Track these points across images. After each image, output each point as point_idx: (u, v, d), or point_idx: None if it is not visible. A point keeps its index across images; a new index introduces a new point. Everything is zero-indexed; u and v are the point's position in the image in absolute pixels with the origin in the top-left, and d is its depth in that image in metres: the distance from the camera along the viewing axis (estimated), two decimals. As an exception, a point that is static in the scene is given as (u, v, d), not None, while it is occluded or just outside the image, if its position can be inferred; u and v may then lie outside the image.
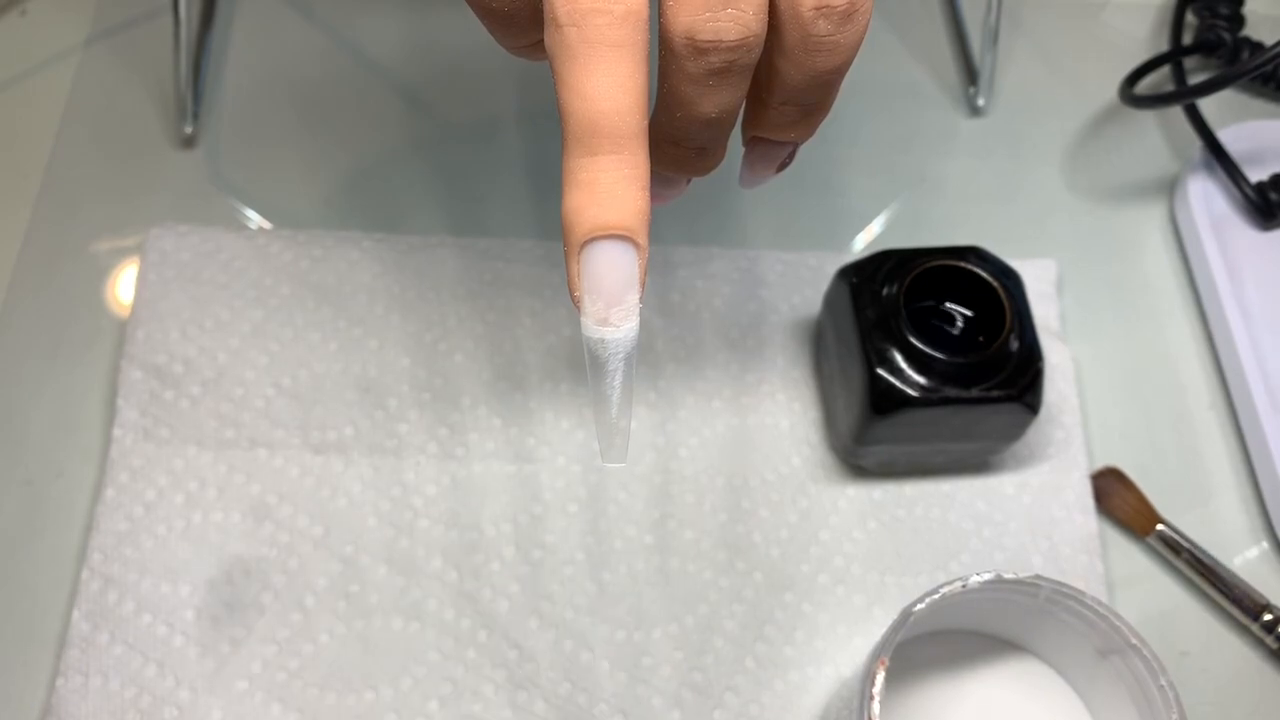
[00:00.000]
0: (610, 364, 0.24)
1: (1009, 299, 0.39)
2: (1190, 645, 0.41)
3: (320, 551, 0.40)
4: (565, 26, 0.22)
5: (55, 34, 0.52)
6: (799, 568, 0.41)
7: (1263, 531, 0.43)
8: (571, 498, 0.42)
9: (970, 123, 0.52)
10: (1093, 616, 0.34)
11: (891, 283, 0.40)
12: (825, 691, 0.39)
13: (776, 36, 0.25)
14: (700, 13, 0.23)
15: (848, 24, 0.24)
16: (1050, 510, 0.42)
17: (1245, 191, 0.47)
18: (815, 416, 0.44)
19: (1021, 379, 0.38)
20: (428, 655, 0.39)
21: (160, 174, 0.49)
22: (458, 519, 0.41)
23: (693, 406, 0.44)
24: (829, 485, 0.42)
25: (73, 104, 0.50)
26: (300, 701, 0.38)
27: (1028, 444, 0.43)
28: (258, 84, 0.51)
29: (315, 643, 0.39)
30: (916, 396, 0.38)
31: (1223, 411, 0.45)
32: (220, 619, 0.39)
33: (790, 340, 0.45)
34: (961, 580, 0.33)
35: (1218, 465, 0.44)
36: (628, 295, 0.24)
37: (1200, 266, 0.47)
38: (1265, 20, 0.54)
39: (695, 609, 0.40)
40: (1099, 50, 0.55)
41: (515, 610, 0.40)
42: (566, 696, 0.38)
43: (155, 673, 0.38)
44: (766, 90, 0.27)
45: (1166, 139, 0.52)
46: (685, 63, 0.24)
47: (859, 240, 0.49)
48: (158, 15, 0.52)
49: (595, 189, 0.23)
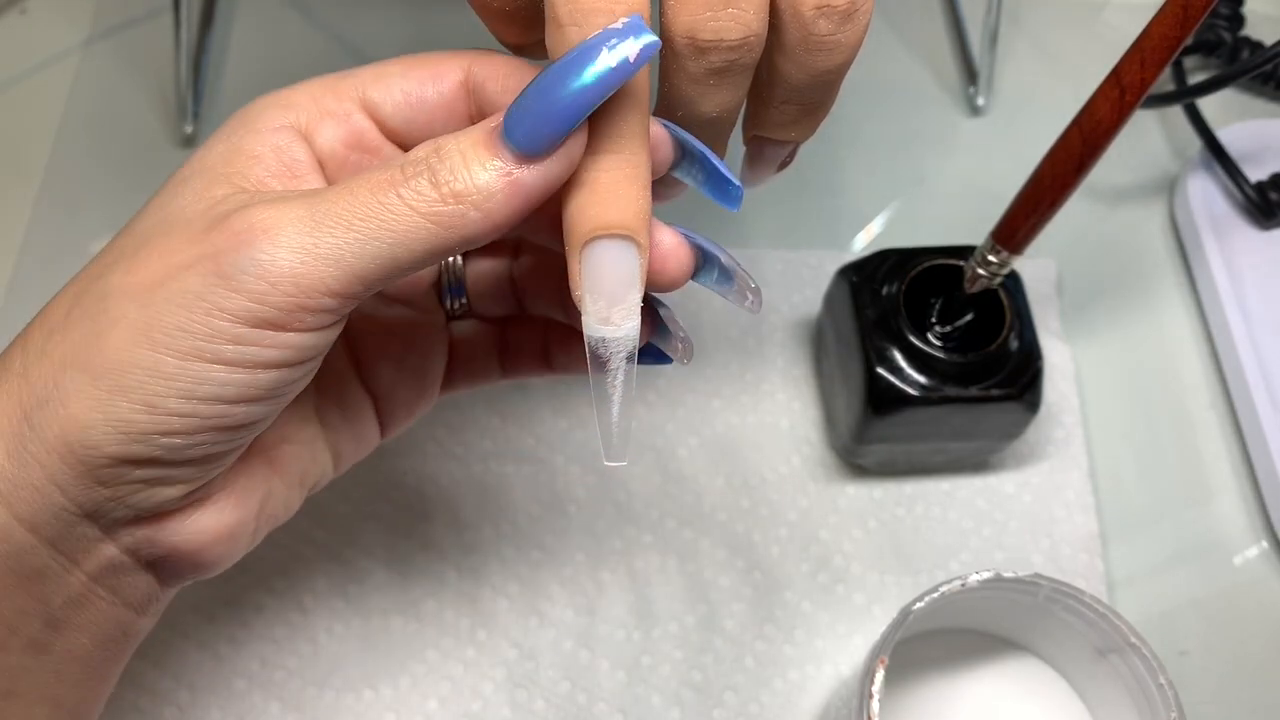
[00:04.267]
0: (612, 363, 0.25)
1: (1009, 298, 0.39)
2: (1190, 645, 0.41)
3: (320, 552, 0.40)
4: (567, 26, 0.22)
5: (55, 34, 0.52)
6: (799, 566, 0.41)
7: (1263, 531, 0.43)
8: (571, 498, 0.42)
9: (970, 123, 0.52)
10: (1092, 615, 0.34)
11: (891, 282, 0.40)
12: (825, 690, 0.39)
13: (777, 36, 0.25)
14: (701, 12, 0.23)
15: (848, 23, 0.24)
16: (1050, 509, 0.42)
17: (1245, 191, 0.47)
18: (815, 416, 0.44)
19: (1021, 378, 0.38)
20: (427, 654, 0.39)
21: (160, 174, 0.47)
22: (457, 519, 0.41)
23: (692, 406, 0.44)
24: (829, 484, 0.42)
25: (73, 104, 0.50)
26: (299, 700, 0.38)
27: (1028, 443, 0.43)
28: (258, 84, 0.51)
29: (314, 642, 0.39)
30: (916, 395, 0.38)
31: (1223, 411, 0.45)
32: (219, 618, 0.39)
33: (790, 340, 0.45)
34: (961, 579, 0.33)
35: (1218, 465, 0.44)
36: (629, 294, 0.24)
37: (1200, 266, 0.47)
38: (1265, 20, 0.54)
39: (695, 608, 0.40)
40: (1099, 50, 0.54)
41: (515, 609, 0.40)
42: (566, 695, 0.38)
43: (155, 672, 0.38)
44: (767, 89, 0.27)
45: (1166, 139, 0.52)
46: (686, 62, 0.24)
47: (859, 240, 0.49)
48: (158, 15, 0.52)
49: (596, 188, 0.24)
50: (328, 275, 0.23)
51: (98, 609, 0.26)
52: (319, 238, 0.23)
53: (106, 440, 0.23)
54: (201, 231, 0.23)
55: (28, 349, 0.24)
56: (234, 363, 0.23)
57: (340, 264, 0.23)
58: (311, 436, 0.30)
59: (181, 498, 0.25)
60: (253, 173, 0.25)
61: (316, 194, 0.23)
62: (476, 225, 0.23)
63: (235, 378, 0.23)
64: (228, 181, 0.25)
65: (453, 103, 0.26)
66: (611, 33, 0.21)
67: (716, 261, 0.27)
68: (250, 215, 0.23)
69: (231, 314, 0.23)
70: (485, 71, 0.26)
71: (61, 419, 0.23)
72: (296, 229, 0.23)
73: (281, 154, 0.26)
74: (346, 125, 0.26)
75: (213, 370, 0.23)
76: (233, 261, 0.23)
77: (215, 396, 0.23)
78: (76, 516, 0.24)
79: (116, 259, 0.24)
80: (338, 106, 0.26)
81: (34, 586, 0.25)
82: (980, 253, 0.36)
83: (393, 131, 0.27)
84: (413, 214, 0.23)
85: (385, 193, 0.23)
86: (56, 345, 0.24)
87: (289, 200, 0.23)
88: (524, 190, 0.23)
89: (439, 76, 0.26)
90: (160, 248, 0.24)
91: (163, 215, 0.25)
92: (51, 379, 0.23)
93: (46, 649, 0.26)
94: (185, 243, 0.23)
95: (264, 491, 0.28)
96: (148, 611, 0.28)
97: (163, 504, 0.25)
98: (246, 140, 0.26)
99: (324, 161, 0.27)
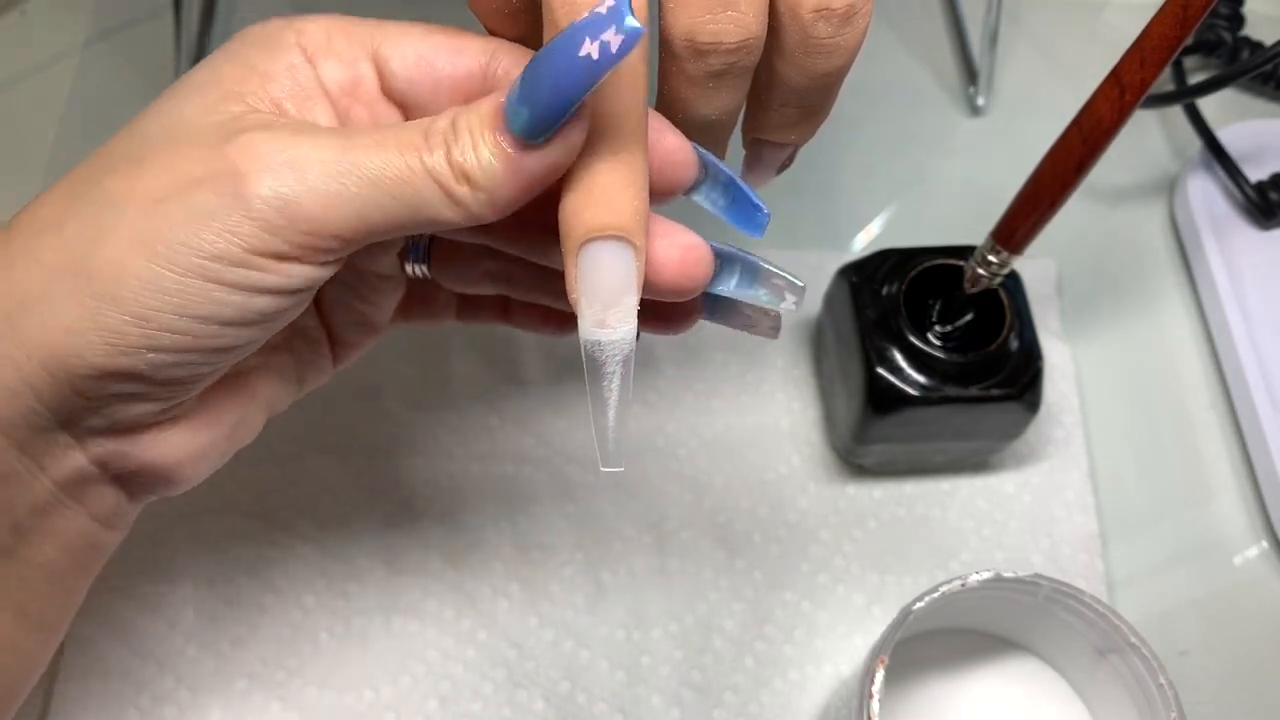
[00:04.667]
0: (608, 366, 0.24)
1: (1009, 298, 0.39)
2: (1190, 645, 0.41)
3: (320, 552, 0.40)
4: (564, 26, 0.22)
5: (55, 34, 0.52)
6: (799, 566, 0.41)
7: (1263, 531, 0.43)
8: (571, 498, 0.42)
9: (970, 123, 0.52)
10: (1092, 615, 0.34)
11: (891, 282, 0.40)
12: (825, 690, 0.39)
13: (776, 38, 0.25)
14: (700, 15, 0.23)
15: (848, 26, 0.24)
16: (1050, 509, 0.42)
17: (1245, 191, 0.47)
18: (815, 416, 0.44)
19: (1021, 378, 0.38)
20: (427, 654, 0.39)
21: None
22: (457, 519, 0.41)
23: (692, 406, 0.44)
24: (829, 484, 0.43)
25: (73, 104, 0.50)
26: (299, 700, 0.38)
27: (1028, 443, 0.43)
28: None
29: (315, 641, 0.39)
30: (916, 395, 0.38)
31: (1223, 411, 0.45)
32: (220, 618, 0.39)
33: (790, 340, 0.45)
34: (961, 579, 0.33)
35: (1218, 465, 0.44)
36: (625, 297, 0.24)
37: (1200, 266, 0.47)
38: (1265, 20, 0.54)
39: (695, 608, 0.40)
40: (1099, 50, 0.54)
41: (515, 609, 0.40)
42: (566, 695, 0.38)
43: (155, 672, 0.38)
44: (766, 92, 0.27)
45: (1166, 139, 0.52)
46: (685, 65, 0.24)
47: (859, 240, 0.49)
48: (158, 15, 0.52)
49: (593, 190, 0.23)
50: (344, 220, 0.23)
51: (64, 518, 0.26)
52: (345, 184, 0.23)
53: (93, 350, 0.23)
54: (217, 145, 0.23)
55: (11, 245, 0.24)
56: (234, 285, 0.23)
57: (359, 214, 0.23)
58: (281, 363, 0.30)
59: (157, 413, 0.25)
60: (266, 91, 0.25)
61: (346, 137, 0.23)
62: (482, 206, 0.23)
63: (233, 299, 0.23)
64: (241, 100, 0.25)
65: (464, 80, 0.26)
66: (595, 19, 0.21)
67: (737, 265, 0.27)
68: (275, 140, 0.23)
69: (242, 239, 0.23)
70: (510, 60, 0.26)
71: (47, 323, 0.23)
72: (324, 169, 0.23)
73: (295, 74, 0.25)
74: (349, 70, 0.26)
75: (211, 290, 0.23)
76: (253, 188, 0.22)
77: (210, 316, 0.23)
78: (49, 422, 0.24)
79: (117, 164, 0.24)
80: (347, 50, 0.26)
81: (0, 490, 0.25)
82: (980, 252, 0.36)
83: (393, 90, 0.26)
84: (431, 183, 0.23)
85: (410, 155, 0.23)
86: (47, 246, 0.23)
87: (318, 136, 0.23)
88: (526, 174, 0.23)
89: (459, 50, 0.26)
90: (169, 156, 0.23)
91: (168, 122, 0.24)
92: (39, 281, 0.23)
93: (11, 555, 0.26)
94: (200, 155, 0.23)
95: (238, 416, 0.28)
96: (115, 525, 0.27)
97: (138, 418, 0.25)
98: (261, 59, 0.25)
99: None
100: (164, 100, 0.25)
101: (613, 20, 0.21)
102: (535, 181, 0.23)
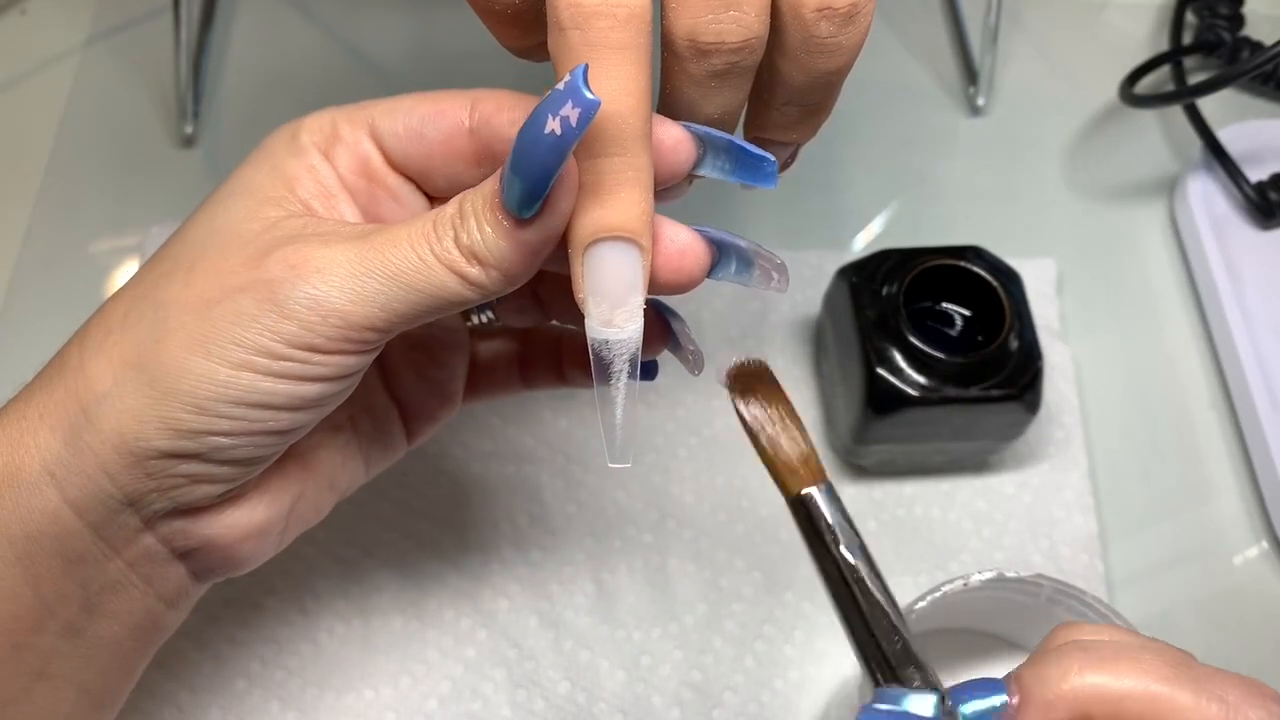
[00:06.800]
0: (615, 365, 0.25)
1: (1009, 298, 0.39)
2: (1190, 645, 0.40)
3: (320, 552, 0.40)
4: (568, 29, 0.22)
5: (55, 34, 0.52)
6: (799, 567, 0.41)
7: (1263, 531, 0.43)
8: (571, 498, 0.42)
9: (970, 123, 0.52)
10: (1094, 616, 0.34)
11: (891, 282, 0.40)
12: (825, 691, 0.39)
13: (778, 38, 0.25)
14: (702, 15, 0.23)
15: (849, 25, 0.24)
16: (1050, 509, 0.42)
17: (1245, 191, 0.47)
18: (815, 416, 0.44)
19: (1021, 378, 0.38)
20: (427, 654, 0.39)
21: (160, 174, 0.49)
22: (458, 519, 0.41)
23: (692, 406, 0.44)
24: (829, 485, 0.42)
25: (73, 104, 0.50)
26: (299, 700, 0.38)
27: (1027, 443, 0.43)
28: (258, 84, 0.51)
29: (315, 642, 0.39)
30: (916, 396, 0.38)
31: (1223, 411, 0.45)
32: (219, 618, 0.39)
33: (790, 340, 0.45)
34: (963, 579, 0.33)
35: (1218, 465, 0.44)
36: (631, 297, 0.24)
37: (1200, 266, 0.47)
38: (1265, 20, 0.54)
39: (695, 608, 0.40)
40: (1099, 50, 0.55)
41: (515, 609, 0.40)
42: (566, 695, 0.38)
43: (155, 672, 0.38)
44: (768, 91, 0.27)
45: (1166, 139, 0.52)
46: (688, 64, 0.24)
47: (859, 240, 0.49)
48: (158, 15, 0.52)
49: (598, 191, 0.24)
50: (371, 313, 0.25)
51: (131, 597, 0.28)
52: (365, 282, 0.25)
53: (158, 435, 0.25)
54: (257, 255, 0.25)
55: (85, 345, 0.26)
56: (281, 375, 0.25)
57: (384, 307, 0.25)
58: (344, 443, 0.31)
59: (219, 495, 0.27)
60: (295, 194, 0.28)
61: (363, 238, 0.25)
62: (497, 283, 0.25)
63: (280, 388, 0.25)
64: (276, 204, 0.27)
65: (452, 140, 0.28)
66: (555, 96, 0.22)
67: (733, 252, 0.27)
68: (305, 250, 0.25)
69: (283, 336, 0.25)
70: (489, 107, 0.28)
71: (118, 412, 0.25)
72: (346, 270, 0.25)
73: (316, 175, 0.28)
74: (356, 153, 0.28)
75: (260, 380, 0.25)
76: (287, 293, 0.25)
77: (262, 403, 0.25)
78: (121, 504, 0.26)
79: (172, 269, 0.26)
80: (350, 134, 0.28)
81: (76, 570, 0.26)
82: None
83: (394, 162, 0.29)
84: (445, 270, 0.25)
85: (422, 247, 0.25)
86: (115, 345, 0.26)
87: (339, 242, 0.25)
88: (528, 247, 0.24)
89: (441, 114, 0.28)
90: (216, 264, 0.26)
91: (214, 228, 0.27)
92: (110, 376, 0.25)
93: (81, 633, 0.27)
94: (241, 264, 0.26)
95: (296, 493, 0.29)
96: (177, 605, 0.29)
97: (201, 499, 0.27)
98: (287, 163, 0.28)
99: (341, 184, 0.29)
100: (208, 205, 0.28)
101: (569, 95, 0.22)
102: (540, 251, 0.25)
